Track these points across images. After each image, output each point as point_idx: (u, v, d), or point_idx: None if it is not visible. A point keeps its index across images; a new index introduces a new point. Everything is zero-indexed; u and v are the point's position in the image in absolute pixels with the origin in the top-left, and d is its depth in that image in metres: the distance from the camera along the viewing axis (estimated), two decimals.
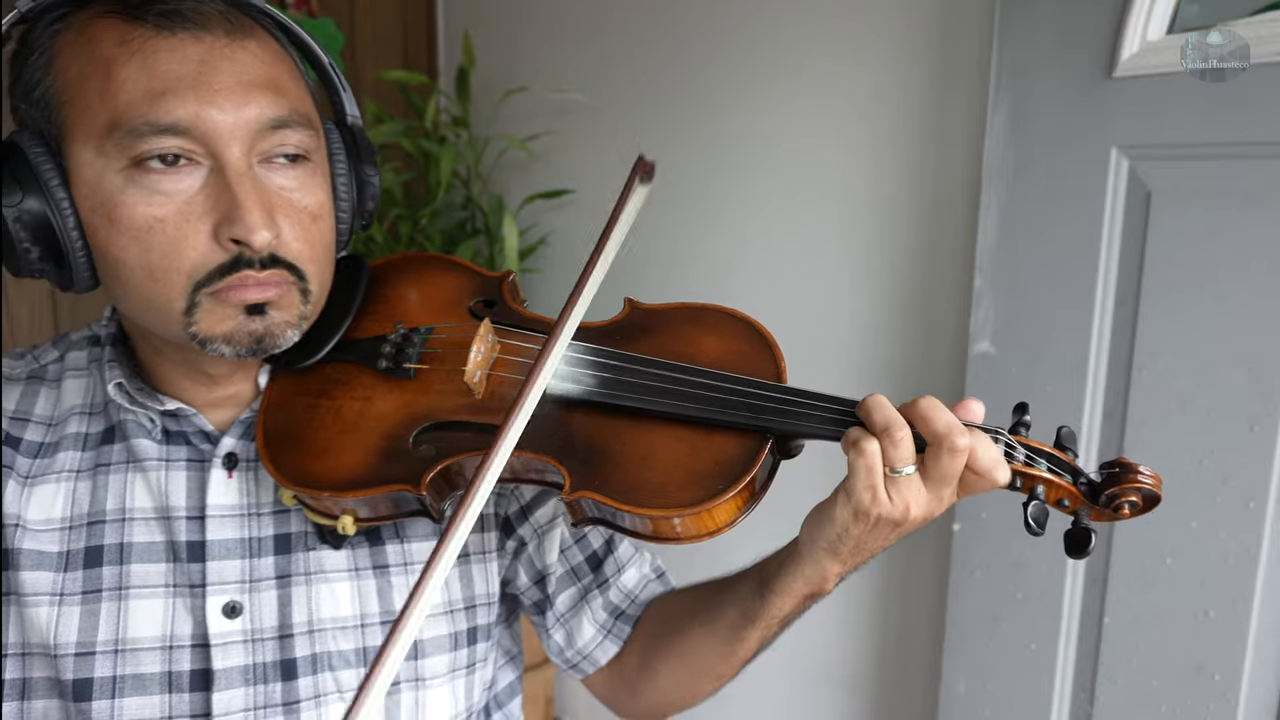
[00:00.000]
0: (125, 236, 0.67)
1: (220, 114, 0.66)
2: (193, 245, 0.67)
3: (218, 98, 0.66)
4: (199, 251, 0.67)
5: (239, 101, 0.66)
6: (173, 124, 0.65)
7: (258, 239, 0.66)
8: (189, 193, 0.67)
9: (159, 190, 0.66)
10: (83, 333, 0.83)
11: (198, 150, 0.66)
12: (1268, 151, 1.06)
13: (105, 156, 0.66)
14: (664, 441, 0.68)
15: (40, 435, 0.78)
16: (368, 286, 0.81)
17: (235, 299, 0.69)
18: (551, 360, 0.66)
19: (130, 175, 0.66)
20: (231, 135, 0.66)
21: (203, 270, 0.67)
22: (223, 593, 0.74)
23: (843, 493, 0.65)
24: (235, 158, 0.67)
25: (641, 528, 0.68)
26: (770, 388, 0.69)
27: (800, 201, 1.62)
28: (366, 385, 0.75)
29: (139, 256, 0.67)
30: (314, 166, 0.72)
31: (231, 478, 0.76)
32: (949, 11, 1.39)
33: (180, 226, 0.66)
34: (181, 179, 0.66)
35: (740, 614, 0.76)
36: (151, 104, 0.64)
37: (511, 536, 0.86)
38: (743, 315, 0.76)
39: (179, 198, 0.66)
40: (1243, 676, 1.13)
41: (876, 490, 0.63)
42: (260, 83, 0.68)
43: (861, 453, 0.63)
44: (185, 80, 0.65)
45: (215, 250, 0.67)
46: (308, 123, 0.71)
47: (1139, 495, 0.64)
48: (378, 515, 0.73)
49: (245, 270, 0.68)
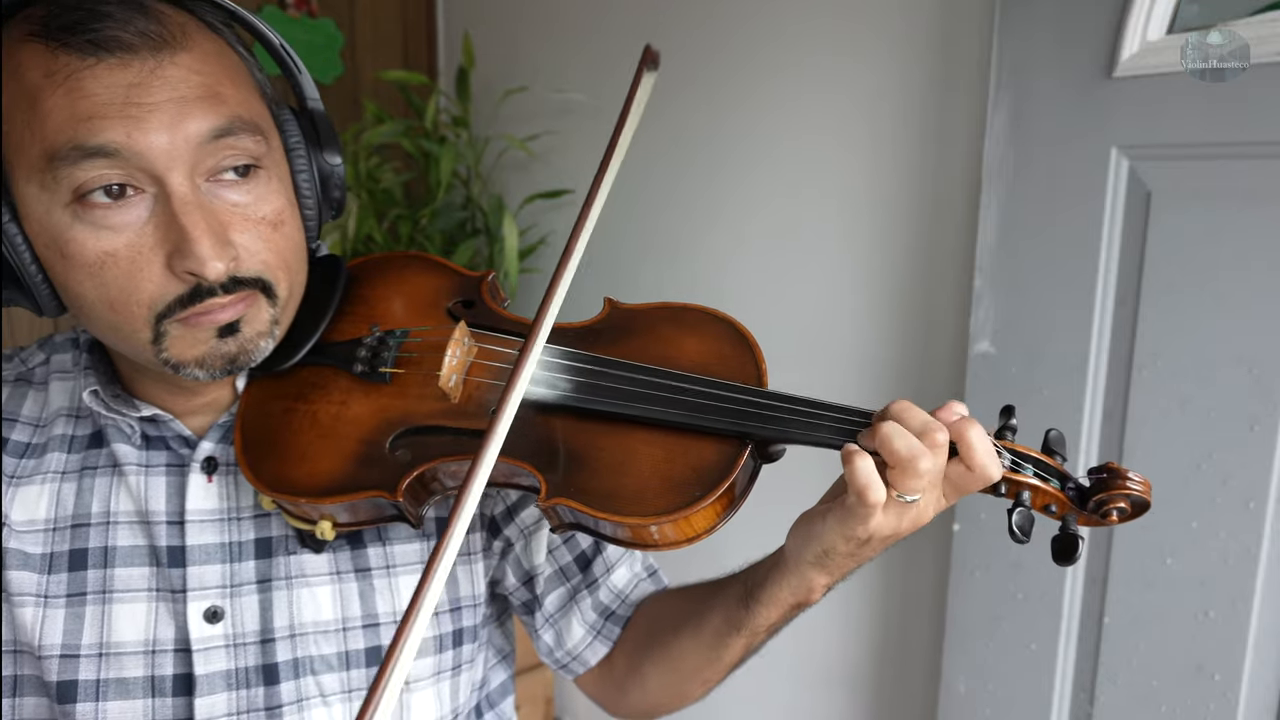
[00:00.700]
0: (80, 272, 0.65)
1: (155, 135, 0.63)
2: (148, 278, 0.65)
3: (150, 119, 0.63)
4: (155, 284, 0.65)
5: (173, 119, 0.63)
6: (101, 145, 0.62)
7: (211, 271, 0.64)
8: (137, 224, 0.64)
9: (106, 225, 0.64)
10: (66, 335, 0.83)
11: (139, 177, 0.63)
12: (1268, 151, 1.06)
13: (48, 191, 0.64)
14: (641, 447, 0.67)
15: (27, 436, 0.78)
16: (346, 287, 0.80)
17: (206, 322, 0.67)
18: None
19: (76, 211, 0.63)
20: (171, 159, 0.63)
21: (162, 302, 0.66)
22: (204, 598, 0.74)
23: (835, 514, 0.63)
24: (178, 184, 0.64)
25: (619, 534, 0.67)
26: (749, 392, 0.67)
27: (800, 201, 1.62)
28: (343, 389, 0.74)
29: (96, 291, 0.66)
30: (267, 173, 0.70)
31: (211, 482, 0.76)
32: (949, 11, 1.39)
33: (133, 260, 0.65)
34: (128, 211, 0.64)
35: (725, 622, 0.75)
36: (78, 128, 0.62)
37: (498, 537, 0.85)
38: (724, 315, 0.74)
39: (128, 231, 0.64)
40: (1243, 676, 1.13)
41: (874, 516, 0.61)
42: (195, 95, 0.64)
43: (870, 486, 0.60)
44: (114, 106, 0.62)
45: (171, 281, 0.65)
46: (253, 127, 0.68)
47: (1127, 501, 0.63)
48: (357, 520, 0.72)
49: (209, 299, 0.66)
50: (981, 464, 0.61)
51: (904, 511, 0.62)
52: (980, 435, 0.62)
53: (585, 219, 0.69)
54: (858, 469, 0.60)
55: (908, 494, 0.61)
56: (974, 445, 0.61)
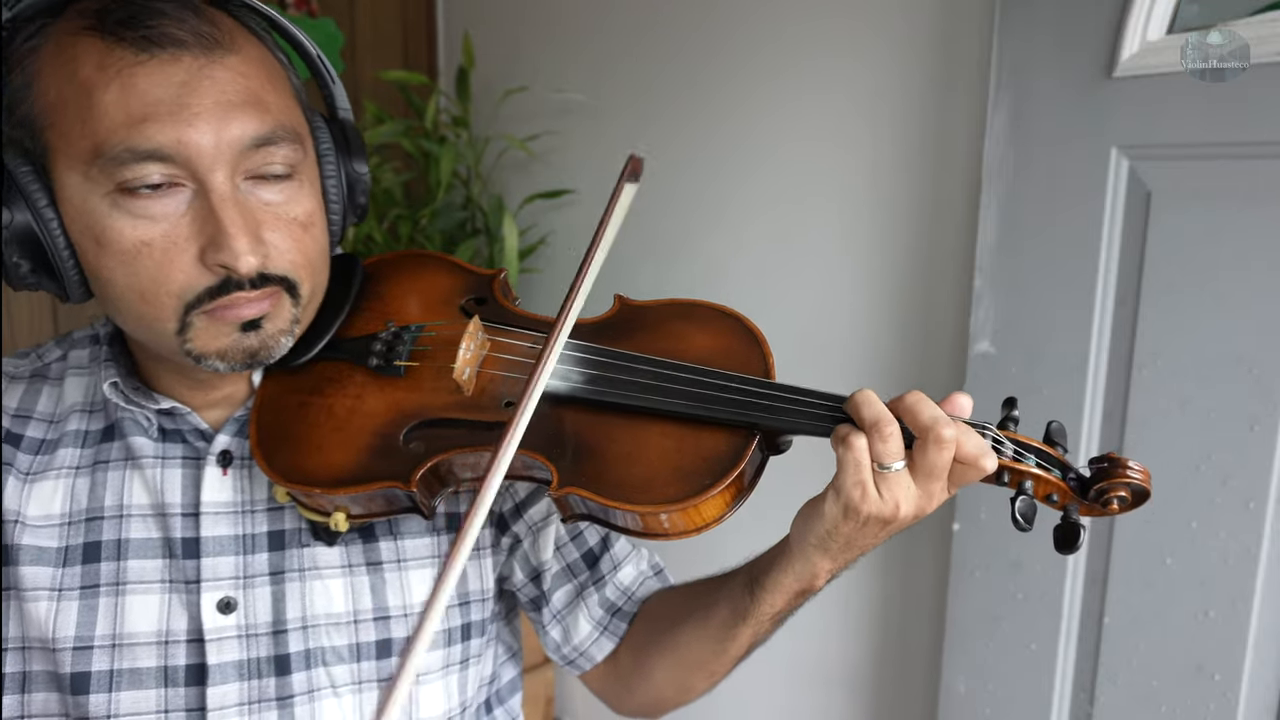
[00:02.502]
0: (113, 259, 0.67)
1: (201, 137, 0.65)
2: (180, 268, 0.67)
3: (198, 121, 0.65)
4: (186, 274, 0.67)
5: (220, 123, 0.66)
6: (154, 150, 0.64)
7: (244, 265, 0.67)
8: (174, 216, 0.66)
9: (145, 215, 0.66)
10: (85, 331, 0.84)
11: (181, 174, 0.66)
12: (1268, 151, 1.06)
13: (91, 181, 0.65)
14: (652, 438, 0.69)
15: (41, 432, 0.79)
16: (361, 284, 0.82)
17: (230, 317, 0.69)
18: (551, 361, 0.67)
19: (116, 200, 0.66)
20: (214, 159, 0.66)
21: (192, 292, 0.68)
22: (217, 589, 0.75)
23: (832, 490, 0.65)
24: (219, 182, 0.66)
25: (630, 524, 0.68)
26: (758, 383, 0.69)
27: (800, 201, 1.62)
28: (358, 383, 0.76)
29: (127, 279, 0.67)
30: (301, 179, 0.72)
31: (226, 475, 0.77)
32: (949, 11, 1.39)
33: (166, 250, 0.67)
34: (167, 203, 0.66)
35: (731, 611, 0.76)
36: (132, 131, 0.64)
37: (506, 533, 0.86)
38: (731, 311, 0.76)
39: (165, 221, 0.66)
40: (1243, 676, 1.13)
41: (866, 487, 0.63)
42: (241, 101, 0.67)
43: (850, 448, 0.63)
44: (165, 105, 0.64)
45: (203, 273, 0.67)
46: (293, 135, 0.71)
47: (1128, 490, 0.64)
48: (370, 512, 0.74)
49: (236, 292, 0.68)
50: (973, 455, 0.63)
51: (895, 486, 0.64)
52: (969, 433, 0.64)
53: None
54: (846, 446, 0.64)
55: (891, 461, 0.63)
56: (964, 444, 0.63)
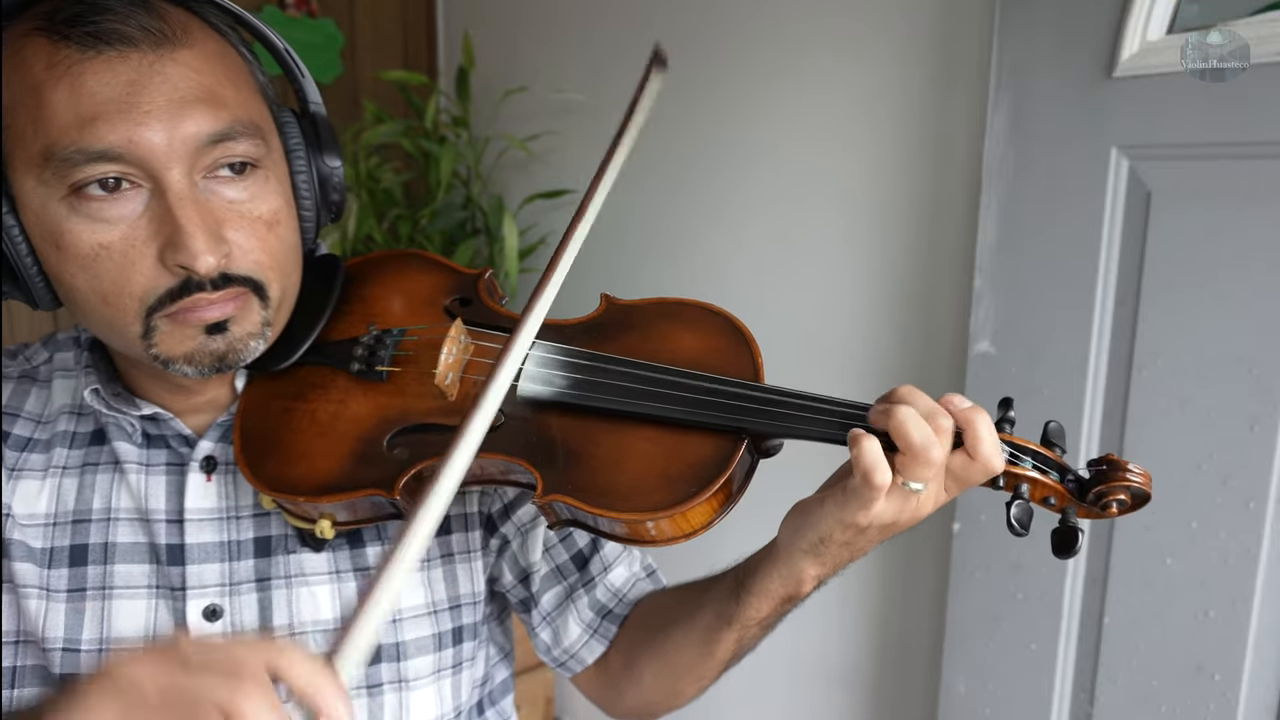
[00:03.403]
0: (73, 264, 0.66)
1: (153, 135, 0.64)
2: (140, 270, 0.66)
3: (149, 119, 0.63)
4: (146, 276, 0.66)
5: (172, 121, 0.64)
6: (105, 150, 0.63)
7: (202, 265, 0.65)
8: (132, 217, 0.65)
9: (101, 217, 0.65)
10: (69, 333, 0.84)
11: (136, 173, 0.65)
12: (1268, 151, 1.06)
13: (46, 185, 0.65)
14: (638, 443, 0.67)
15: (29, 431, 0.79)
16: (344, 286, 0.80)
17: (193, 319, 0.68)
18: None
19: (72, 204, 0.64)
20: (168, 157, 0.64)
21: (153, 295, 0.67)
22: (203, 596, 0.75)
23: (833, 500, 0.63)
24: (175, 180, 0.65)
25: (616, 531, 0.67)
26: (745, 386, 0.67)
27: (800, 201, 1.62)
28: (341, 388, 0.74)
29: (89, 283, 0.66)
30: (265, 173, 0.70)
31: (210, 481, 0.76)
32: (949, 11, 1.39)
33: (125, 252, 0.65)
34: (124, 204, 0.65)
35: (717, 616, 0.75)
36: (81, 131, 0.63)
37: (495, 535, 0.85)
38: (720, 310, 0.74)
39: (122, 223, 0.65)
40: (1243, 676, 1.13)
41: (877, 501, 0.61)
42: (194, 97, 0.65)
43: (876, 467, 0.59)
44: (114, 104, 0.63)
45: (163, 274, 0.66)
46: (253, 130, 0.69)
47: (1127, 493, 0.62)
48: (356, 519, 0.72)
49: (197, 293, 0.67)
50: (987, 454, 0.61)
51: (905, 499, 0.62)
52: (988, 425, 0.61)
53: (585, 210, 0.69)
54: (865, 450, 0.60)
55: (914, 481, 0.60)
56: (981, 435, 0.61)
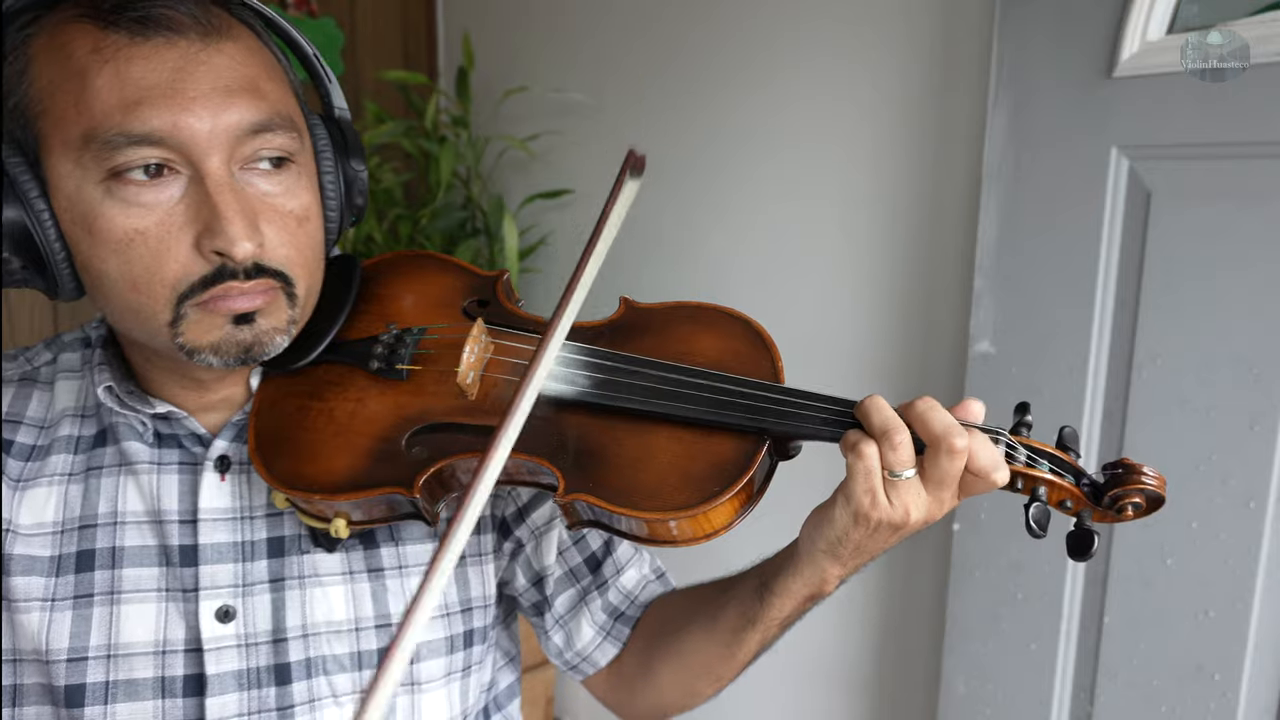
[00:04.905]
0: (105, 249, 0.66)
1: (197, 122, 0.64)
2: (174, 257, 0.66)
3: (194, 105, 0.64)
4: (181, 263, 0.66)
5: (216, 108, 0.65)
6: (148, 134, 0.63)
7: (239, 251, 0.65)
8: (169, 203, 0.65)
9: (138, 202, 0.65)
10: (75, 334, 0.83)
11: (176, 159, 0.65)
12: (1268, 151, 1.06)
13: (83, 168, 0.64)
14: (660, 443, 0.67)
15: (32, 438, 0.77)
16: (360, 286, 0.80)
17: (222, 309, 0.68)
18: (547, 360, 0.65)
19: (109, 187, 0.64)
20: (210, 144, 0.65)
21: (185, 282, 0.66)
22: (215, 597, 0.74)
23: (841, 496, 0.64)
24: (215, 167, 0.65)
25: (637, 530, 0.67)
26: (767, 388, 0.68)
27: (801, 201, 1.62)
28: (359, 387, 0.74)
29: (120, 269, 0.66)
30: (298, 168, 0.71)
31: (224, 481, 0.76)
32: (949, 12, 1.39)
33: (161, 239, 0.65)
34: (161, 190, 0.65)
35: (740, 615, 0.75)
36: (126, 115, 0.63)
37: (509, 538, 0.85)
38: (739, 314, 0.75)
39: (159, 209, 0.65)
40: (1243, 676, 1.13)
41: (875, 494, 0.62)
42: (238, 87, 0.66)
43: (860, 456, 0.62)
44: (160, 89, 0.63)
45: (197, 261, 0.66)
46: (290, 124, 0.69)
47: (1142, 496, 0.63)
48: (371, 518, 0.72)
49: (230, 281, 0.67)
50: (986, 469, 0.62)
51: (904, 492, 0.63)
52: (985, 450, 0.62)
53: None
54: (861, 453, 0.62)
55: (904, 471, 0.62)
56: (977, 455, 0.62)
